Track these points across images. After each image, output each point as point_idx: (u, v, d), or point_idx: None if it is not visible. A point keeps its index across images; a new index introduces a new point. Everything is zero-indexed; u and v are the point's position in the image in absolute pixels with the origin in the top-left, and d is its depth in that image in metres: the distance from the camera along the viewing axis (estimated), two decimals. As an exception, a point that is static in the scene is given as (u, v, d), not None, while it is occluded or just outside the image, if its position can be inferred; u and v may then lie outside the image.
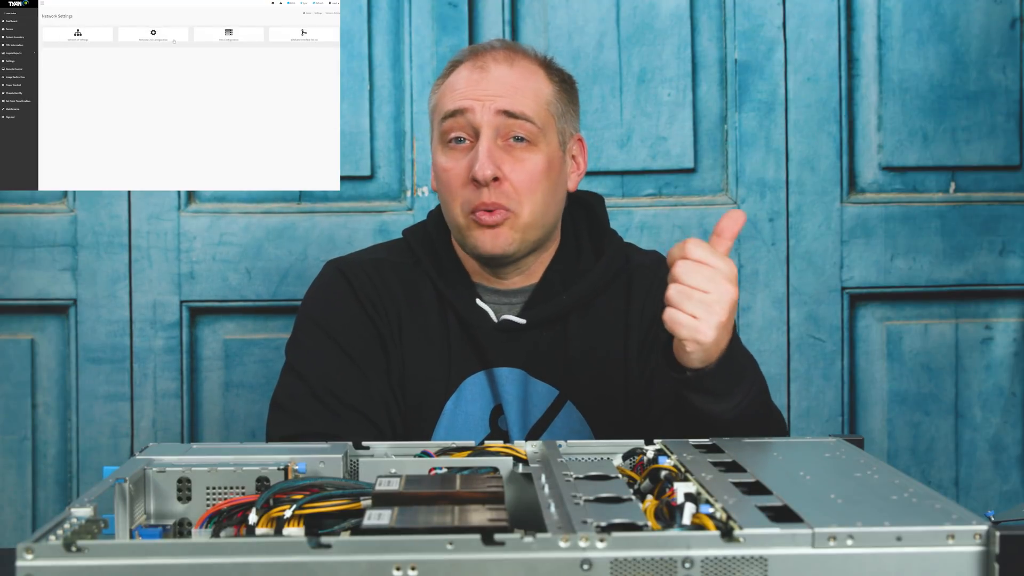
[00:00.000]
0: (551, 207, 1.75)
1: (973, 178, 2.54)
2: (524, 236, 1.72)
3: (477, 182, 1.69)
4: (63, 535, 1.00)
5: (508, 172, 1.70)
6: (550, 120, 1.75)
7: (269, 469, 1.20)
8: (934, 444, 2.54)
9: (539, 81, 1.76)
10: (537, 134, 1.72)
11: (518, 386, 1.75)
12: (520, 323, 1.76)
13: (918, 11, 2.51)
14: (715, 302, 1.42)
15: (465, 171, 1.71)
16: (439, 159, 1.75)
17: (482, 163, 1.68)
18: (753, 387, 1.53)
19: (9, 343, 2.46)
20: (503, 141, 1.71)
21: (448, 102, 1.74)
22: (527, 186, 1.71)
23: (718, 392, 1.48)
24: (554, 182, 1.75)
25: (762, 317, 2.50)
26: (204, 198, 2.48)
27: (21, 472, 2.46)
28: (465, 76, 1.74)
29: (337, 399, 1.69)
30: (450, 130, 1.73)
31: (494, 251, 1.71)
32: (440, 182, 1.76)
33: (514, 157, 1.71)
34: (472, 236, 1.72)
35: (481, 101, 1.71)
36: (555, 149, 1.75)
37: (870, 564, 0.97)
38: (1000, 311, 2.54)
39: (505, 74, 1.73)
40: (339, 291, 1.78)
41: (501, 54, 1.76)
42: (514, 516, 1.13)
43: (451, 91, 1.74)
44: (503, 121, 1.71)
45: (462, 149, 1.73)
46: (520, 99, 1.72)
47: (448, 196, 1.74)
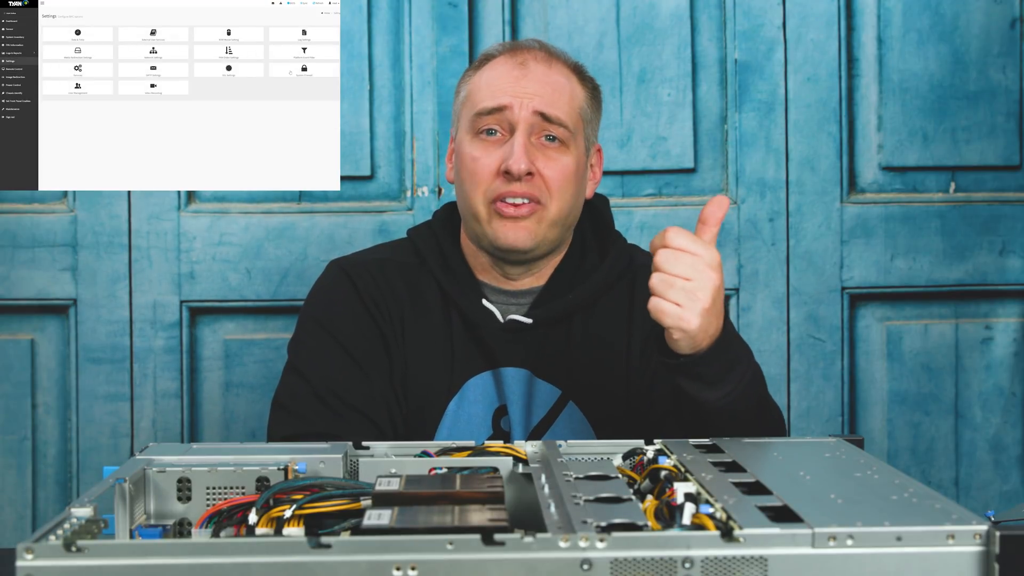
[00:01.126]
0: (575, 209, 1.77)
1: (973, 178, 2.54)
2: (547, 233, 1.73)
3: (509, 175, 1.69)
4: (63, 535, 1.00)
5: (541, 168, 1.71)
6: (580, 124, 1.77)
7: (269, 469, 1.20)
8: (934, 444, 2.54)
9: (573, 85, 1.78)
10: (569, 137, 1.74)
11: (523, 386, 1.75)
12: (527, 323, 1.76)
13: (918, 11, 2.51)
14: (697, 289, 1.43)
15: (496, 163, 1.71)
16: (467, 148, 1.75)
17: (518, 157, 1.69)
18: (746, 376, 1.53)
19: (9, 343, 2.46)
20: (536, 139, 1.73)
21: (487, 97, 1.74)
22: (558, 184, 1.72)
23: (709, 379, 1.49)
24: (579, 185, 1.77)
25: (762, 317, 2.50)
26: (204, 198, 2.48)
27: (21, 472, 2.46)
28: (505, 72, 1.75)
29: (339, 399, 1.69)
30: (485, 123, 1.73)
31: (515, 244, 1.72)
32: (465, 171, 1.75)
33: (547, 155, 1.72)
34: (492, 226, 1.72)
35: (520, 99, 1.72)
36: (582, 153, 1.77)
37: (870, 564, 0.97)
38: (1000, 311, 2.54)
39: (544, 75, 1.75)
40: (342, 291, 1.78)
41: (540, 55, 1.78)
42: (514, 516, 1.13)
43: (489, 85, 1.75)
44: (539, 121, 1.72)
45: (494, 141, 1.73)
46: (557, 101, 1.74)
47: (471, 185, 1.73)
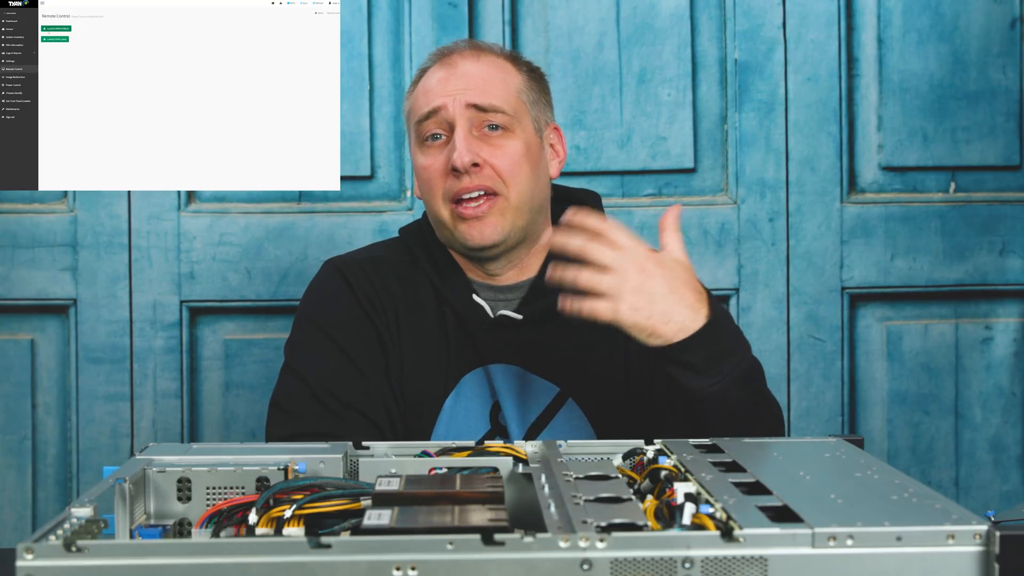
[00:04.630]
0: (536, 191, 1.76)
1: (973, 178, 2.54)
2: (513, 221, 1.73)
3: (456, 171, 1.70)
4: (63, 535, 1.00)
5: (488, 157, 1.72)
6: (522, 107, 1.77)
7: (269, 469, 1.20)
8: (934, 444, 2.54)
9: (506, 72, 1.78)
10: (511, 121, 1.74)
11: (514, 382, 1.74)
12: (517, 319, 1.76)
13: (918, 11, 2.51)
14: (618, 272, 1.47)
15: (444, 164, 1.72)
16: (418, 159, 1.77)
17: (460, 151, 1.70)
18: (739, 367, 1.53)
19: (9, 343, 2.46)
20: (478, 131, 1.73)
21: (422, 104, 1.76)
22: (509, 169, 1.72)
23: (698, 367, 1.50)
24: (535, 166, 1.76)
25: (762, 317, 2.50)
26: (204, 198, 2.48)
27: (21, 472, 2.46)
28: (434, 76, 1.77)
29: (336, 399, 1.69)
30: (426, 130, 1.75)
31: (483, 242, 1.72)
32: (421, 181, 1.77)
33: (491, 144, 1.73)
34: (459, 230, 1.73)
35: (452, 96, 1.73)
36: (531, 135, 1.77)
37: (870, 564, 0.97)
38: (1000, 311, 2.54)
39: (472, 68, 1.76)
40: (337, 290, 1.79)
41: (467, 51, 1.79)
42: (514, 516, 1.13)
43: (423, 93, 1.77)
44: (475, 113, 1.73)
45: (438, 146, 1.74)
46: (489, 90, 1.74)
47: (429, 192, 1.75)
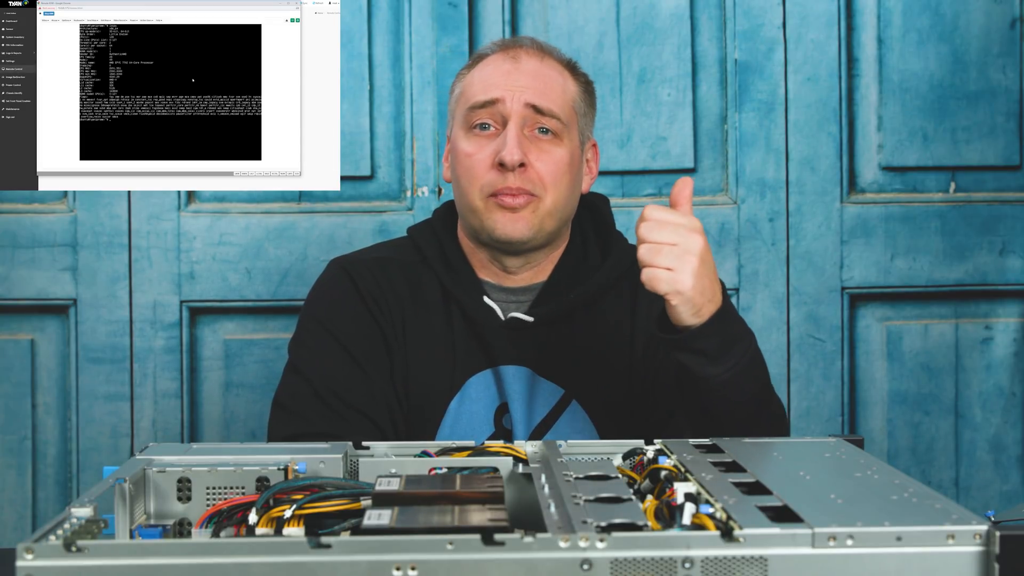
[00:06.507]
0: (570, 201, 1.77)
1: (973, 178, 2.54)
2: (543, 224, 1.73)
3: (503, 167, 1.70)
4: (63, 535, 1.00)
5: (534, 160, 1.72)
6: (573, 117, 1.78)
7: (269, 469, 1.20)
8: (934, 444, 2.54)
9: (565, 79, 1.79)
10: (562, 129, 1.74)
11: (524, 384, 1.75)
12: (528, 321, 1.76)
13: (918, 11, 2.51)
14: (685, 252, 1.48)
15: (490, 156, 1.72)
16: (462, 144, 1.76)
17: (511, 148, 1.69)
18: (748, 353, 1.56)
19: (9, 343, 2.46)
20: (529, 131, 1.73)
21: (479, 91, 1.75)
22: (552, 175, 1.72)
23: (711, 353, 1.51)
24: (574, 178, 1.77)
25: (762, 317, 2.50)
26: (204, 198, 2.48)
27: (21, 472, 2.46)
28: (496, 66, 1.77)
29: (339, 399, 1.69)
30: (478, 117, 1.74)
31: (512, 235, 1.72)
32: (461, 167, 1.75)
33: (540, 148, 1.73)
34: (491, 218, 1.72)
35: (512, 91, 1.73)
36: (576, 146, 1.78)
37: (870, 564, 0.97)
38: (1000, 311, 2.54)
39: (536, 68, 1.76)
40: (343, 290, 1.78)
41: (533, 50, 1.79)
42: (514, 516, 1.13)
43: (482, 80, 1.76)
44: (531, 113, 1.73)
45: (487, 136, 1.74)
46: (549, 94, 1.74)
47: (467, 180, 1.74)
